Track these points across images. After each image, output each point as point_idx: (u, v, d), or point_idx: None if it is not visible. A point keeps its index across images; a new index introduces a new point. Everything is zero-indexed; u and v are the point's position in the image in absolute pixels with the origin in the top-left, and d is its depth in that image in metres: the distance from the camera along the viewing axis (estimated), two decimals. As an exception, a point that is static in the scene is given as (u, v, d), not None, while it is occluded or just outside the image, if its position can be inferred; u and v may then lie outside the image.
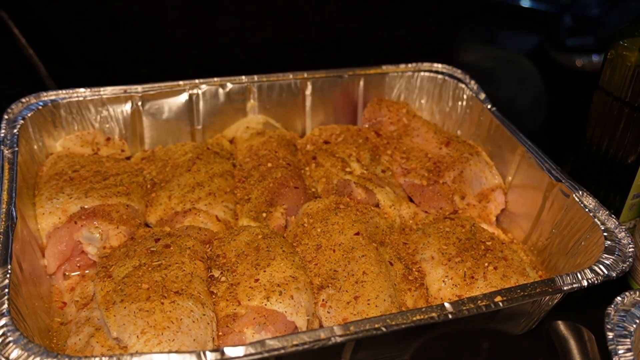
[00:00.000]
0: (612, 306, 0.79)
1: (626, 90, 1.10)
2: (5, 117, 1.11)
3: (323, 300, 0.90)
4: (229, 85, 1.30)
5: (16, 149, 1.04)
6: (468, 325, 0.58)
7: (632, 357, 0.72)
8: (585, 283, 0.85)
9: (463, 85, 1.34)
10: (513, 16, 2.74)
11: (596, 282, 0.85)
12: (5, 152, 1.03)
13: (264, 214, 1.09)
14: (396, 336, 0.82)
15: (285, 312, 0.85)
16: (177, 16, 1.51)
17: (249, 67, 1.40)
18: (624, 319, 0.77)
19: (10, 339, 0.71)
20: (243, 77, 1.31)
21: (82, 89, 1.22)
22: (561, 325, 0.89)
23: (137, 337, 0.77)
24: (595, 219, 0.96)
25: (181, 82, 1.28)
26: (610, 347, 0.74)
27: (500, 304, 0.80)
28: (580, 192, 1.01)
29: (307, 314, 0.86)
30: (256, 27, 1.53)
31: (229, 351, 0.71)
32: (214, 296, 0.88)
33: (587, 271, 0.86)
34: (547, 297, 0.89)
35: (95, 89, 1.22)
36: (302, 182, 1.17)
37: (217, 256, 0.96)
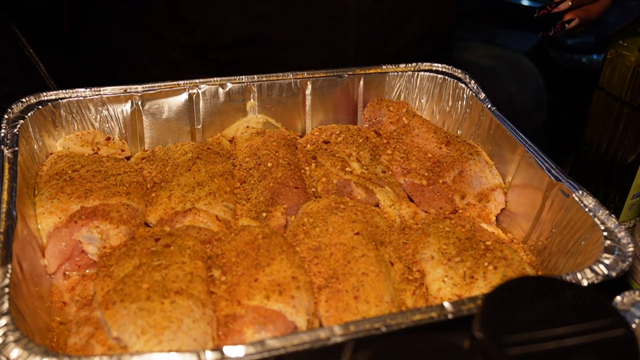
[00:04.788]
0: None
1: (626, 90, 1.10)
2: (5, 117, 1.11)
3: (323, 300, 0.90)
4: (229, 85, 1.30)
5: (16, 148, 1.04)
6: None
7: (631, 357, 0.72)
8: (585, 283, 0.85)
9: (463, 85, 1.34)
10: (513, 15, 2.74)
11: (596, 281, 0.85)
12: (6, 151, 1.03)
13: (264, 214, 1.09)
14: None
15: (286, 312, 0.85)
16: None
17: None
18: (624, 318, 0.77)
19: (11, 338, 0.71)
20: (243, 76, 1.31)
21: (82, 89, 1.22)
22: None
23: (137, 336, 0.77)
24: (595, 219, 0.96)
25: (181, 82, 1.28)
26: (610, 347, 0.74)
27: (500, 303, 0.80)
28: (580, 192, 1.01)
29: (307, 313, 0.86)
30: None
31: (229, 351, 0.71)
32: (214, 296, 0.88)
33: (587, 271, 0.86)
34: (547, 297, 0.89)
35: (95, 89, 1.22)
36: (302, 181, 1.17)
37: (217, 256, 0.96)
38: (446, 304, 0.79)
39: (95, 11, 1.63)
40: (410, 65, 1.41)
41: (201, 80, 1.29)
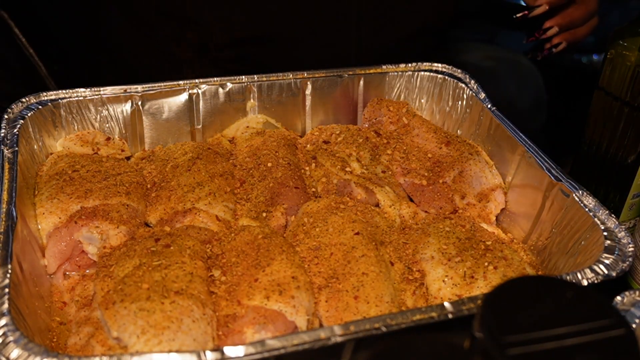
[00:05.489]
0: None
1: (626, 90, 1.10)
2: (5, 117, 1.11)
3: (323, 300, 0.90)
4: (229, 85, 1.30)
5: (16, 148, 1.04)
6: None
7: (631, 357, 0.72)
8: (585, 283, 0.85)
9: (463, 85, 1.34)
10: (513, 16, 2.74)
11: (596, 281, 0.85)
12: (6, 152, 1.03)
13: (264, 214, 1.09)
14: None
15: (286, 312, 0.85)
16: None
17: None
18: (624, 318, 0.77)
19: (11, 338, 0.71)
20: (243, 76, 1.31)
21: (82, 89, 1.22)
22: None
23: (137, 337, 0.77)
24: (595, 219, 0.96)
25: (181, 82, 1.28)
26: (610, 347, 0.74)
27: (500, 303, 0.80)
28: (580, 192, 1.01)
29: (307, 313, 0.86)
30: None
31: (229, 351, 0.71)
32: (214, 296, 0.88)
33: (587, 271, 0.86)
34: (547, 297, 0.88)
35: (95, 89, 1.22)
36: (302, 181, 1.17)
37: (217, 256, 0.96)
38: (446, 304, 0.79)
39: (97, 5, 1.63)
40: (410, 65, 1.41)
41: (201, 80, 1.29)
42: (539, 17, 1.33)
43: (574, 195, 1.01)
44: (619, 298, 0.80)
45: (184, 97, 1.28)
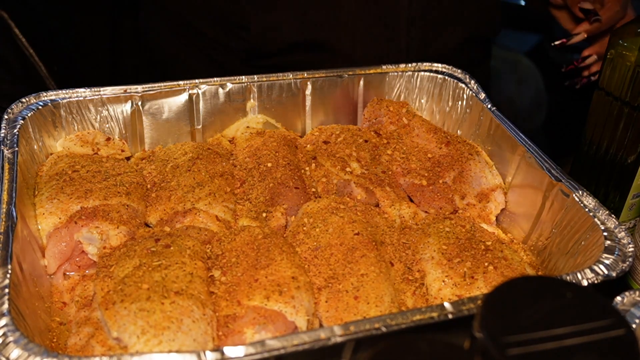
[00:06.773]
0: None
1: (626, 90, 1.10)
2: (5, 117, 1.11)
3: (323, 300, 0.90)
4: (229, 85, 1.30)
5: (16, 149, 1.04)
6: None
7: (632, 357, 0.72)
8: (585, 283, 0.85)
9: (463, 85, 1.34)
10: (513, 16, 2.74)
11: (596, 282, 0.85)
12: (5, 152, 1.03)
13: (264, 214, 1.09)
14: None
15: (286, 312, 0.85)
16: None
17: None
18: (624, 318, 0.77)
19: (11, 339, 0.71)
20: (243, 77, 1.31)
21: (82, 89, 1.22)
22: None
23: (138, 337, 0.77)
24: (595, 219, 0.96)
25: (181, 82, 1.28)
26: (610, 347, 0.74)
27: (500, 303, 0.80)
28: (580, 192, 1.01)
29: (307, 314, 0.86)
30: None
31: (229, 351, 0.71)
32: (214, 296, 0.88)
33: (587, 271, 0.86)
34: (547, 297, 0.88)
35: (95, 89, 1.22)
36: (302, 182, 1.17)
37: (217, 256, 0.96)
38: (446, 304, 0.79)
39: (142, 10, 1.63)
40: (410, 65, 1.40)
41: (201, 80, 1.29)
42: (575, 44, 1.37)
43: (574, 195, 1.01)
44: (619, 298, 0.80)
45: (184, 97, 1.28)
